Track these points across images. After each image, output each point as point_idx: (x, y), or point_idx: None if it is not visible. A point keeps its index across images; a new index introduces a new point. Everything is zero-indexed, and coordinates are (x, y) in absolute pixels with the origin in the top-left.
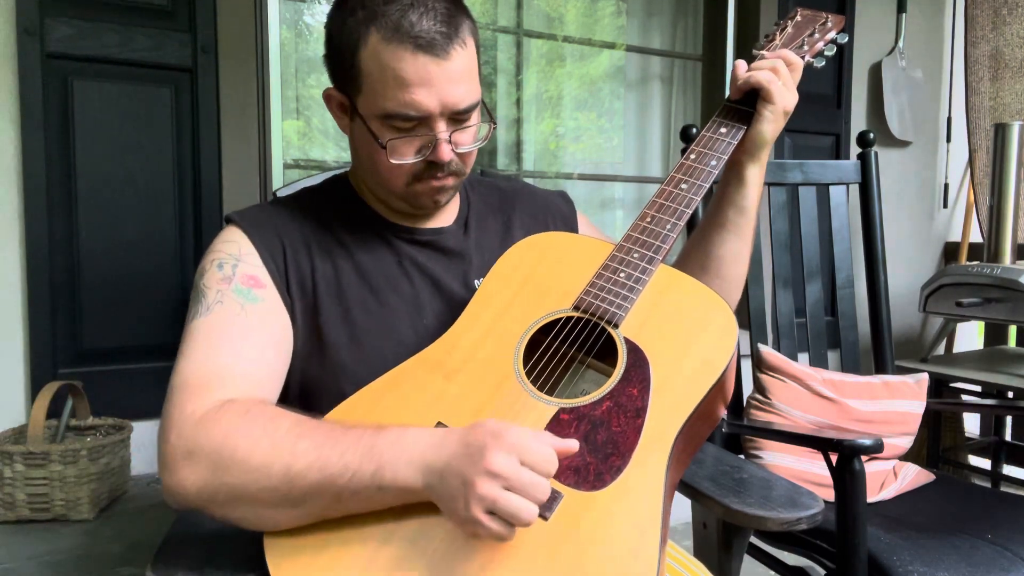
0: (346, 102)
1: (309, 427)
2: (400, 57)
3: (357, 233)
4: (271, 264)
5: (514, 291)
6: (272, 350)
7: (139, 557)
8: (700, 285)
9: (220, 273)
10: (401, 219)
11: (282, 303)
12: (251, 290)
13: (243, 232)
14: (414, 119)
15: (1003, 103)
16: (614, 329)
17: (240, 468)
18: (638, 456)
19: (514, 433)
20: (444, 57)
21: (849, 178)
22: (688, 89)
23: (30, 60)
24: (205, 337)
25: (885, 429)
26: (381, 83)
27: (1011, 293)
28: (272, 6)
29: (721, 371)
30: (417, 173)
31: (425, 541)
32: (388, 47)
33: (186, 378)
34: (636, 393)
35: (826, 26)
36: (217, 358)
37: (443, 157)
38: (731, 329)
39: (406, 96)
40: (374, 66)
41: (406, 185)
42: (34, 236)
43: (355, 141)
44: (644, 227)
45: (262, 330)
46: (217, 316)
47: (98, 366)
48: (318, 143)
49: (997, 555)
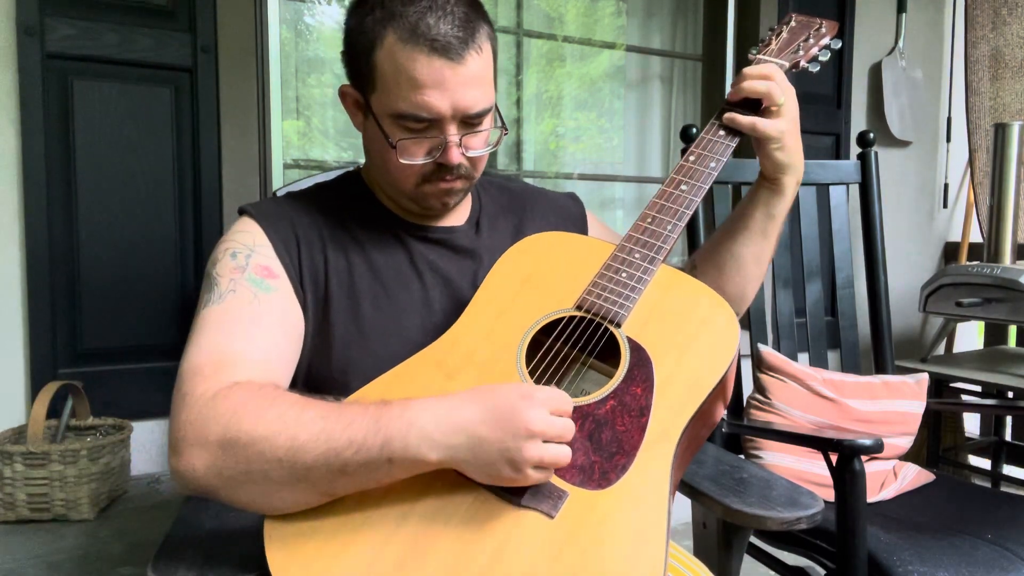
0: (361, 99)
1: (315, 402)
2: (415, 59)
3: (370, 230)
4: (284, 256)
5: (516, 290)
6: (284, 339)
7: (139, 557)
8: (701, 285)
9: (234, 262)
10: (413, 217)
11: (294, 294)
12: (264, 280)
13: (257, 223)
14: (425, 120)
15: (1003, 103)
16: (616, 328)
17: (246, 441)
18: (642, 455)
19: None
20: (459, 61)
21: (849, 178)
22: (688, 89)
23: (30, 60)
24: (217, 324)
25: (885, 429)
26: (395, 83)
27: (1011, 293)
28: (272, 6)
29: (724, 370)
30: (426, 174)
31: (429, 542)
32: (404, 48)
33: (198, 362)
34: (640, 392)
35: (820, 31)
36: (229, 344)
37: (452, 160)
38: (733, 328)
39: (418, 97)
40: (389, 66)
41: (415, 186)
42: (34, 236)
43: (368, 138)
44: (645, 227)
45: (275, 319)
46: (230, 304)
47: (98, 366)
48: (318, 143)
49: (997, 555)
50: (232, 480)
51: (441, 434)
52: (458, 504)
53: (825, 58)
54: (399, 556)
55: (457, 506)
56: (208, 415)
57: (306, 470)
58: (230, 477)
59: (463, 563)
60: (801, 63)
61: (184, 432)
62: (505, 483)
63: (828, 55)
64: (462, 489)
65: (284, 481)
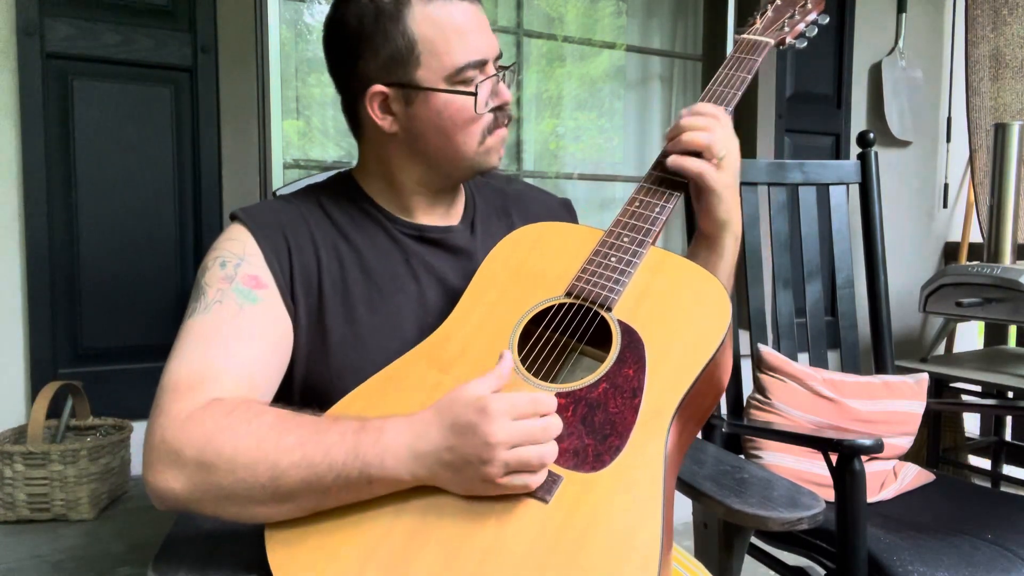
0: (394, 93)
1: (294, 423)
2: (449, 10)
3: (363, 231)
4: (275, 264)
5: (506, 281)
6: (269, 351)
7: (139, 557)
8: (692, 264)
9: (222, 272)
10: (409, 216)
11: (283, 304)
12: (251, 291)
13: (248, 231)
14: (480, 64)
15: (1004, 103)
16: (607, 312)
17: (226, 468)
18: (636, 435)
19: (495, 401)
20: (475, 2)
21: (849, 178)
22: (688, 89)
23: (30, 60)
24: (199, 336)
25: (885, 429)
26: (443, 41)
27: (1011, 293)
28: (272, 6)
29: (716, 346)
30: (489, 124)
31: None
32: (433, 5)
33: (175, 379)
34: (632, 373)
35: (806, 7)
36: (209, 359)
37: (508, 96)
38: (724, 303)
39: (470, 43)
40: (429, 28)
41: (480, 143)
42: (34, 236)
43: (416, 126)
44: (633, 211)
45: (258, 331)
46: (214, 315)
47: (98, 366)
48: (318, 143)
49: (997, 555)
50: (214, 499)
51: (414, 460)
52: (453, 494)
53: (812, 34)
54: (397, 548)
55: (453, 496)
56: (182, 437)
57: (289, 493)
58: (209, 499)
59: (461, 552)
60: (787, 39)
61: (159, 452)
62: (490, 494)
63: (815, 31)
64: None
65: (267, 501)
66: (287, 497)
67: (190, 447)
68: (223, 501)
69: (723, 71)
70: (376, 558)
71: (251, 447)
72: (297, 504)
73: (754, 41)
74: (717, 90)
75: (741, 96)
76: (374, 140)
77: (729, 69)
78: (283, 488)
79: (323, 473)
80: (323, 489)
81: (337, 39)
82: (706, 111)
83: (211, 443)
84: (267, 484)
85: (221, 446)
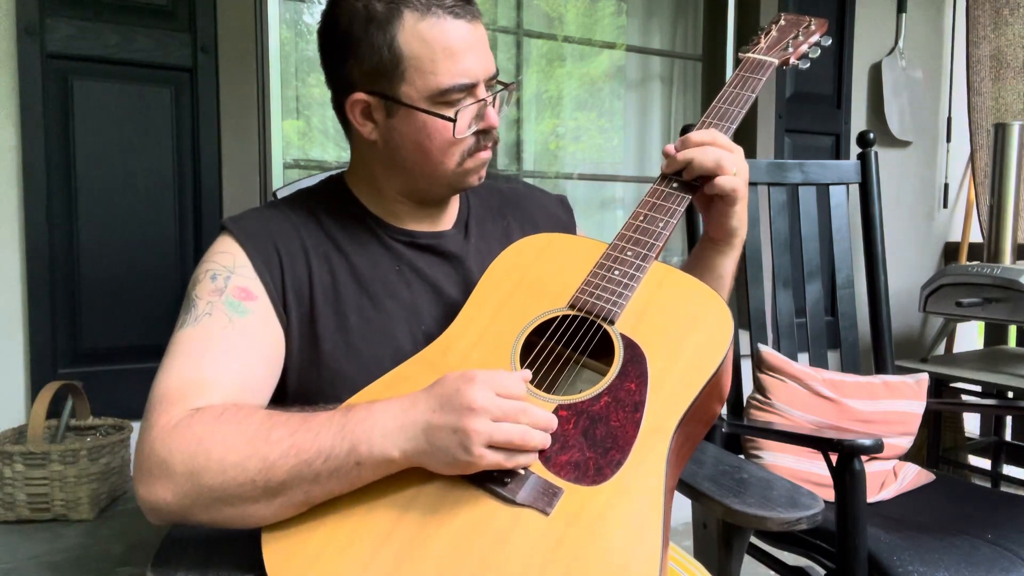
0: (376, 102)
1: (281, 418)
2: (443, 29)
3: (355, 237)
4: (266, 275)
5: (509, 291)
6: (258, 364)
7: (139, 557)
8: (695, 280)
9: (213, 284)
10: (400, 222)
11: (274, 315)
12: (241, 303)
13: (238, 243)
14: (467, 87)
15: (1004, 103)
16: (610, 326)
17: (217, 468)
18: (637, 450)
19: (481, 372)
20: (474, 22)
21: (849, 178)
22: (688, 89)
23: (30, 60)
24: (188, 349)
25: (885, 429)
26: (430, 59)
27: (1011, 293)
28: (272, 6)
29: (718, 363)
30: (469, 147)
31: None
32: (427, 22)
33: (164, 390)
34: (634, 388)
35: (809, 29)
36: (198, 371)
37: (495, 121)
38: (726, 322)
39: (458, 65)
40: (418, 45)
41: (458, 164)
42: (34, 236)
43: (395, 138)
44: (637, 225)
45: (248, 343)
46: (204, 327)
47: (98, 366)
48: (318, 143)
49: (997, 555)
50: (205, 503)
51: (401, 431)
52: (453, 504)
53: (815, 55)
54: (395, 556)
55: (452, 506)
56: (171, 446)
57: (280, 485)
58: (202, 504)
59: (459, 563)
60: (791, 60)
61: (149, 464)
62: (465, 469)
63: (818, 52)
64: (457, 489)
65: (259, 498)
66: (278, 490)
67: (179, 454)
68: (214, 504)
69: (727, 89)
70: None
71: (241, 444)
72: (288, 497)
73: (759, 61)
74: (722, 108)
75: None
76: (358, 144)
77: (733, 87)
78: (274, 480)
79: (312, 458)
80: (312, 476)
81: (327, 37)
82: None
83: (201, 446)
84: (257, 478)
85: (211, 448)
